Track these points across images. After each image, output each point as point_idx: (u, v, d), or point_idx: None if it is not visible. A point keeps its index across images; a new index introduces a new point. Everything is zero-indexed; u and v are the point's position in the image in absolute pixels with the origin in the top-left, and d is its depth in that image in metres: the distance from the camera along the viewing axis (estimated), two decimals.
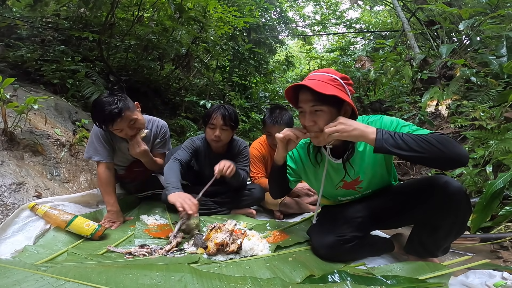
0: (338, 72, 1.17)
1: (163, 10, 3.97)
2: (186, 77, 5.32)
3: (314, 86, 1.05)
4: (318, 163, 1.32)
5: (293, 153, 1.42)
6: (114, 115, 1.58)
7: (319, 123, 1.10)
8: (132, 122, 1.68)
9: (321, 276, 1.14)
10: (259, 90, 6.23)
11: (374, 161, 1.23)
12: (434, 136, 0.97)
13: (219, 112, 1.86)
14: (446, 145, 0.94)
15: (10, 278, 0.97)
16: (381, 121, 1.17)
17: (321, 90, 1.04)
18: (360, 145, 1.23)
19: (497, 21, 3.47)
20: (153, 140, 1.95)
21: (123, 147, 1.86)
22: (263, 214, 2.11)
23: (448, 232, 1.15)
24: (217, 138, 1.87)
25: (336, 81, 1.10)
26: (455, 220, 1.11)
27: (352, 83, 1.18)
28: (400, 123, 1.14)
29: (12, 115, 1.94)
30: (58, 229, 1.47)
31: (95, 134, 1.75)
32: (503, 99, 2.55)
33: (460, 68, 3.24)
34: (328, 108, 1.09)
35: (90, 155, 1.74)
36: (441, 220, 1.13)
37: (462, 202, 1.07)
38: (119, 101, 1.61)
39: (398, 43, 5.04)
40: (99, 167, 1.73)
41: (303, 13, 11.69)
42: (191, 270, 1.08)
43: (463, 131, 2.67)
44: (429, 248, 1.23)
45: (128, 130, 1.68)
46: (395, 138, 0.98)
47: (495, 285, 1.03)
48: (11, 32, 3.90)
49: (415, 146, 0.96)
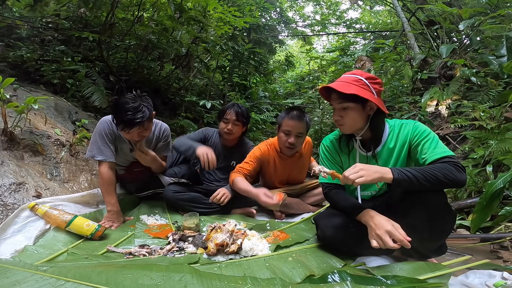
0: (365, 72, 1.29)
1: (163, 10, 3.97)
2: (186, 77, 5.32)
3: (337, 87, 1.23)
4: (348, 152, 1.42)
5: (327, 153, 1.48)
6: (135, 123, 1.59)
7: (345, 118, 1.28)
8: (143, 131, 1.69)
9: (321, 276, 1.14)
10: (259, 90, 6.24)
11: (400, 161, 1.31)
12: (441, 169, 1.10)
13: (233, 108, 2.09)
14: (449, 177, 1.09)
15: (10, 278, 0.97)
16: (415, 128, 1.28)
17: (343, 90, 1.22)
18: (391, 141, 1.32)
19: (497, 21, 3.47)
20: (155, 143, 1.97)
21: (125, 147, 1.87)
22: (263, 214, 2.11)
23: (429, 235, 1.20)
24: (229, 131, 2.09)
25: (360, 81, 1.25)
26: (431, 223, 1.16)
27: (380, 82, 1.30)
28: (430, 137, 1.23)
29: (12, 115, 1.94)
30: (58, 229, 1.47)
31: (99, 133, 1.74)
32: (503, 99, 2.55)
33: (460, 68, 3.24)
34: (353, 105, 1.26)
35: (93, 154, 1.73)
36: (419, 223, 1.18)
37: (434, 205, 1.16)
38: (145, 109, 1.62)
39: (398, 43, 5.03)
40: (101, 166, 1.72)
41: (303, 13, 11.67)
42: (191, 270, 1.08)
43: (463, 131, 2.67)
44: (419, 250, 1.27)
45: (136, 136, 1.69)
46: (408, 177, 1.10)
47: (495, 285, 1.03)
48: (11, 32, 3.90)
49: (423, 181, 1.09)
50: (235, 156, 2.20)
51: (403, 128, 1.32)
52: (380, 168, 1.13)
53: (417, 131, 1.27)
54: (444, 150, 1.17)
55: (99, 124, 1.77)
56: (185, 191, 1.97)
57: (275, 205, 1.70)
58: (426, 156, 1.19)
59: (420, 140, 1.24)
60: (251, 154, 2.05)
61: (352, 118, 1.28)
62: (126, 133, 1.68)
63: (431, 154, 1.18)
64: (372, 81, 1.26)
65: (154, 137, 1.95)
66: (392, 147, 1.32)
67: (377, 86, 1.27)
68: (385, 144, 1.33)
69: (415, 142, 1.25)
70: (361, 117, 1.28)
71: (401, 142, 1.30)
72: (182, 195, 1.94)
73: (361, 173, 1.10)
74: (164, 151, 2.02)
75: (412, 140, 1.27)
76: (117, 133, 1.79)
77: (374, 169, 1.12)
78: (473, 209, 1.77)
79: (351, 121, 1.29)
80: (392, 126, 1.35)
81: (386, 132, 1.34)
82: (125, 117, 1.58)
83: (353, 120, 1.28)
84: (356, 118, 1.28)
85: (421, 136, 1.24)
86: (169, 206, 2.02)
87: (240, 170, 1.99)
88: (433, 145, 1.21)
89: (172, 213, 1.96)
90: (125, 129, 1.62)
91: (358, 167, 1.12)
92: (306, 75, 7.58)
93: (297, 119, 1.89)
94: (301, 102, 5.77)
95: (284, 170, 2.12)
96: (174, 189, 1.95)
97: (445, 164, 1.12)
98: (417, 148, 1.24)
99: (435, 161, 1.15)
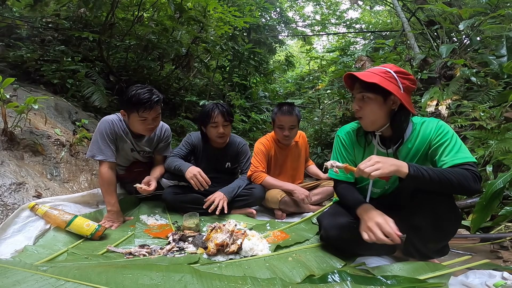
0: (397, 67, 1.22)
1: (163, 10, 3.97)
2: (186, 77, 5.32)
3: (360, 75, 1.18)
4: (365, 147, 1.37)
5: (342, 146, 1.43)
6: (154, 101, 1.68)
7: (364, 110, 1.23)
8: (157, 116, 1.76)
9: (321, 276, 1.14)
10: (259, 90, 6.23)
11: (417, 159, 1.27)
12: (458, 175, 1.07)
13: (218, 110, 1.96)
14: (463, 184, 1.06)
15: (10, 278, 0.97)
16: (438, 127, 1.22)
17: (364, 78, 1.16)
18: (410, 141, 1.27)
19: (497, 21, 3.47)
20: (156, 142, 1.99)
21: (126, 147, 1.87)
22: (263, 214, 2.11)
23: (434, 236, 1.19)
24: (222, 134, 1.99)
25: (388, 73, 1.18)
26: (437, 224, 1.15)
27: (413, 79, 1.22)
28: (454, 140, 1.18)
29: (12, 115, 1.94)
30: (58, 229, 1.47)
31: (100, 133, 1.74)
32: (503, 99, 2.55)
33: (460, 68, 3.24)
34: (374, 96, 1.20)
35: (93, 153, 1.73)
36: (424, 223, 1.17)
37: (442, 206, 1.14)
38: (157, 91, 1.73)
39: (398, 43, 5.03)
40: (101, 166, 1.72)
41: (303, 13, 11.66)
42: (191, 270, 1.08)
43: (463, 131, 2.67)
44: (422, 251, 1.25)
45: (151, 122, 1.75)
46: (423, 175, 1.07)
47: (495, 285, 1.03)
48: (11, 32, 3.89)
49: (436, 183, 1.07)
50: (228, 157, 2.16)
51: (425, 126, 1.25)
52: (397, 161, 1.09)
53: (440, 131, 1.20)
54: (465, 156, 1.13)
55: (100, 123, 1.77)
56: (185, 192, 1.97)
57: (308, 197, 1.99)
58: (446, 159, 1.14)
59: (443, 141, 1.18)
60: (258, 151, 2.15)
61: (371, 110, 1.21)
62: (142, 118, 1.70)
63: (452, 158, 1.13)
64: (402, 75, 1.19)
65: (156, 137, 1.97)
66: (412, 145, 1.26)
67: (407, 82, 1.19)
68: (406, 143, 1.27)
69: (436, 143, 1.19)
70: (381, 111, 1.21)
71: (422, 140, 1.24)
72: (181, 197, 1.94)
73: (377, 165, 1.06)
74: (164, 152, 2.05)
75: (434, 139, 1.20)
76: (118, 133, 1.79)
77: (390, 162, 1.08)
78: (473, 209, 1.77)
79: (370, 114, 1.22)
80: (415, 124, 1.27)
81: (409, 131, 1.26)
82: (144, 97, 1.64)
83: (372, 113, 1.22)
84: (375, 111, 1.21)
85: (444, 138, 1.18)
86: (169, 207, 2.02)
87: (258, 169, 2.10)
88: (456, 148, 1.15)
89: (172, 213, 1.96)
90: (146, 109, 1.67)
91: (374, 159, 1.08)
92: (306, 75, 7.58)
93: (288, 114, 2.06)
94: (301, 102, 5.77)
95: (285, 160, 2.27)
96: (173, 191, 1.96)
97: (464, 170, 1.08)
98: (438, 149, 1.18)
99: (455, 166, 1.11)
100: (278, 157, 2.25)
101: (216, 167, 2.14)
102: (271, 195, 2.04)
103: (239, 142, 2.18)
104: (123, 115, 1.76)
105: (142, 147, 1.94)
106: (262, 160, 2.13)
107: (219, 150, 2.13)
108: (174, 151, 2.09)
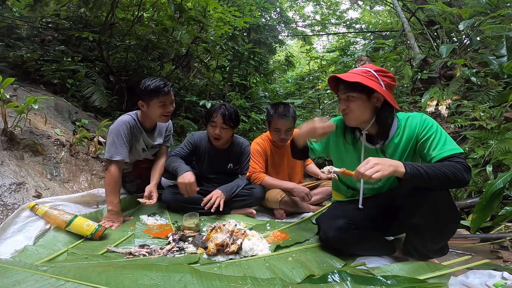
0: (376, 66, 1.29)
1: (163, 10, 3.97)
2: (186, 77, 5.32)
3: (343, 76, 1.24)
4: (353, 143, 1.40)
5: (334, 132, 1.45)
6: (169, 85, 1.81)
7: (350, 107, 1.27)
8: (173, 101, 1.88)
9: (321, 276, 1.14)
10: (259, 90, 6.22)
11: (406, 155, 1.29)
12: (451, 167, 1.09)
13: (220, 111, 1.96)
14: (458, 176, 1.08)
15: (10, 278, 0.97)
16: (422, 121, 1.25)
17: (347, 79, 1.22)
18: (397, 137, 1.29)
19: (497, 21, 3.47)
20: (166, 133, 2.10)
21: (139, 147, 1.93)
22: (263, 214, 2.11)
23: (433, 235, 1.19)
24: (217, 136, 1.97)
25: (368, 72, 1.24)
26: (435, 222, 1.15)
27: (392, 76, 1.27)
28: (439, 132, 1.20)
29: (12, 115, 1.94)
30: (58, 229, 1.47)
31: (116, 133, 1.76)
32: (503, 99, 2.55)
33: (460, 68, 3.24)
34: (358, 94, 1.25)
35: (111, 154, 1.73)
36: (422, 222, 1.18)
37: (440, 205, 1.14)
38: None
39: (398, 43, 5.03)
40: (112, 165, 1.72)
41: (303, 13, 11.66)
42: (191, 270, 1.08)
43: (463, 131, 2.67)
44: (421, 251, 1.26)
45: (169, 106, 1.85)
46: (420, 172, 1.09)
47: (495, 285, 1.03)
48: (11, 32, 3.89)
49: (433, 178, 1.08)
50: (231, 158, 2.15)
51: (410, 120, 1.28)
52: (394, 162, 1.11)
53: (425, 125, 1.23)
54: (452, 148, 1.16)
55: (117, 124, 1.79)
56: None
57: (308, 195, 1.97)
58: (434, 153, 1.16)
59: (428, 136, 1.20)
60: (255, 152, 2.13)
61: (357, 107, 1.26)
62: (161, 103, 1.79)
63: (439, 152, 1.16)
64: (382, 73, 1.24)
65: (164, 127, 2.07)
66: (398, 141, 1.29)
67: (387, 79, 1.24)
68: (392, 138, 1.30)
69: (423, 137, 1.22)
70: (366, 108, 1.26)
71: (408, 136, 1.27)
72: (181, 197, 1.93)
73: (376, 168, 1.07)
74: (167, 142, 2.13)
75: (420, 134, 1.23)
76: (134, 133, 1.85)
77: (388, 163, 1.09)
78: (473, 209, 1.77)
79: (355, 110, 1.26)
80: (400, 120, 1.31)
81: (394, 127, 1.30)
82: (160, 83, 1.76)
83: (358, 110, 1.26)
84: (361, 109, 1.26)
85: (429, 132, 1.21)
86: (169, 207, 2.02)
87: (256, 169, 2.09)
88: (442, 141, 1.18)
89: (172, 213, 1.96)
90: (164, 93, 1.77)
91: (372, 162, 1.08)
92: (306, 75, 7.58)
93: (284, 117, 2.02)
94: (301, 102, 5.77)
95: (281, 159, 2.24)
96: (173, 191, 1.95)
97: (454, 162, 1.11)
98: (425, 144, 1.20)
99: (443, 159, 1.14)
100: (274, 157, 2.23)
101: (218, 168, 2.14)
102: (271, 195, 2.04)
103: (242, 143, 2.17)
104: (141, 105, 1.82)
105: (155, 140, 2.00)
106: (259, 161, 2.11)
107: (222, 151, 2.12)
108: (175, 150, 2.09)
